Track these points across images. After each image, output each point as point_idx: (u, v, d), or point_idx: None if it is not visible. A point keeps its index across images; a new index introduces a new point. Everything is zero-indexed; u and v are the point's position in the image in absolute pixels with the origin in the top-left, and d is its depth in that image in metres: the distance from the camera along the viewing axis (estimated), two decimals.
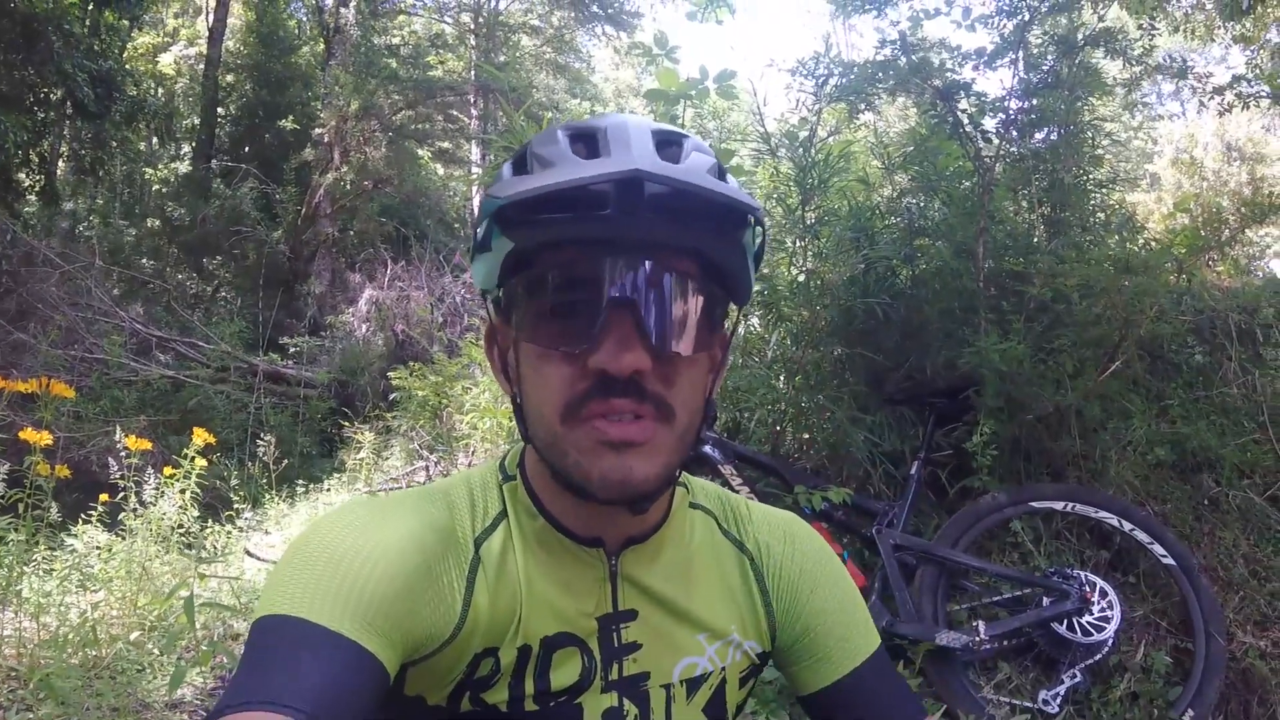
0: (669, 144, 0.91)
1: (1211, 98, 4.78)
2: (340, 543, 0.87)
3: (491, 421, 5.28)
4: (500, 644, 0.94)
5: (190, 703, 3.09)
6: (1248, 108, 4.88)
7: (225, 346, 8.15)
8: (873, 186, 4.63)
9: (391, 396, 6.88)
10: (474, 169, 17.05)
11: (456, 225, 16.79)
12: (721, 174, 0.92)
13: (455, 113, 17.97)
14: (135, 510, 3.90)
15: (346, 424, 7.12)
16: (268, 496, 5.54)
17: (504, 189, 0.87)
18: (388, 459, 6.49)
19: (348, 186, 12.71)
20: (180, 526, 4.09)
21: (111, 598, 3.62)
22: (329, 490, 6.06)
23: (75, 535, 3.86)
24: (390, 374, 6.86)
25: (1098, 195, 4.35)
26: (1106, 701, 3.10)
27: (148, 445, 4.01)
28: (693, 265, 0.90)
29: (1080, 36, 4.14)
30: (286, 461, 5.65)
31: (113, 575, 3.70)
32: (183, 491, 4.08)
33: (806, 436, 4.08)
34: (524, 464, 1.03)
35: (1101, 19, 4.10)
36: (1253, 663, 3.10)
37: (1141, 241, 4.35)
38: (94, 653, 3.22)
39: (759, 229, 0.94)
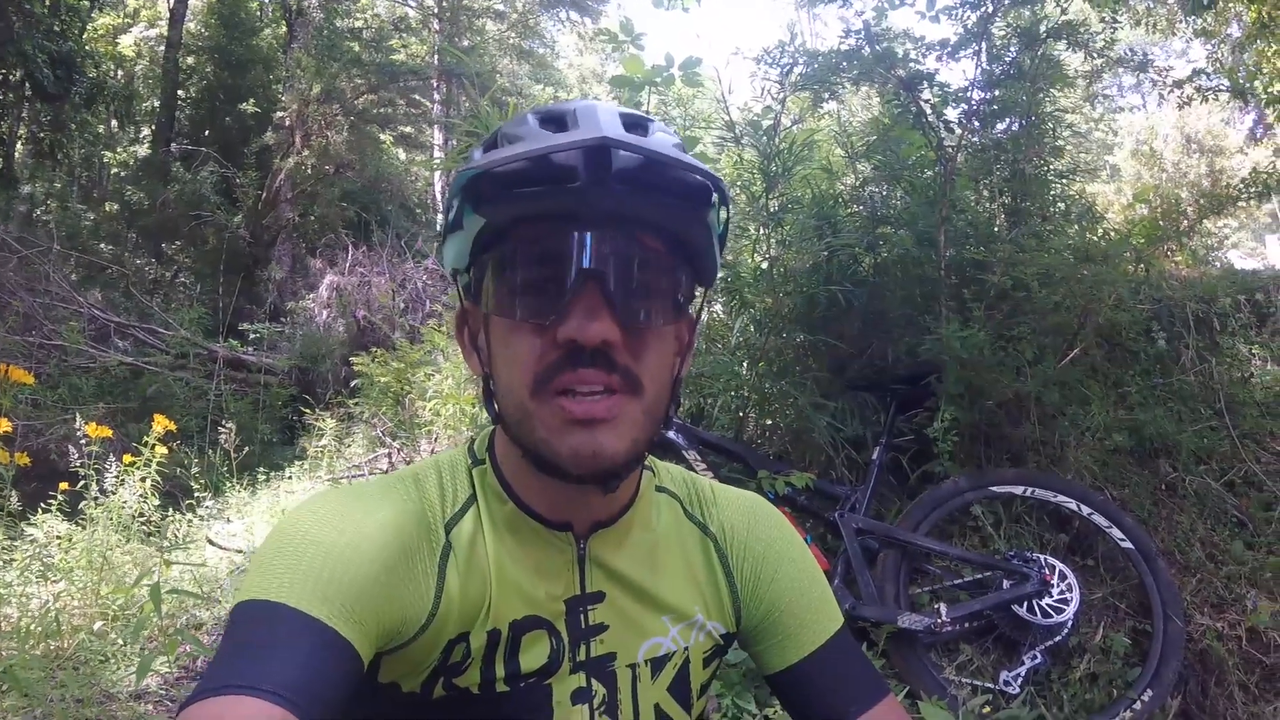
0: (635, 125, 0.92)
1: (1171, 91, 4.85)
2: (317, 530, 0.88)
3: (454, 408, 5.26)
4: (471, 629, 0.95)
5: (154, 692, 3.05)
6: (1207, 101, 4.96)
7: (184, 333, 8.01)
8: (836, 175, 4.64)
9: (353, 383, 6.82)
10: (436, 154, 16.93)
11: (418, 210, 16.66)
12: (686, 152, 0.93)
13: (418, 97, 17.82)
14: (96, 499, 3.84)
15: (308, 411, 7.04)
16: (229, 485, 5.47)
17: (474, 166, 0.88)
18: (349, 446, 6.43)
19: (309, 171, 12.53)
20: (141, 515, 4.04)
21: (73, 588, 3.57)
22: (291, 478, 6.00)
23: (35, 524, 3.79)
24: (352, 360, 6.79)
25: (1058, 185, 4.39)
26: (1066, 682, 3.16)
27: (108, 433, 3.95)
28: (660, 242, 0.92)
29: (1043, 29, 4.17)
30: (247, 449, 5.58)
31: (73, 565, 3.65)
32: (143, 480, 4.01)
33: (770, 422, 4.10)
34: (493, 448, 1.04)
35: (1064, 12, 4.13)
36: (1210, 644, 3.16)
37: (1101, 231, 4.41)
38: (56, 644, 3.18)
39: (724, 210, 0.96)
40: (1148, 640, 3.17)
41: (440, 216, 6.31)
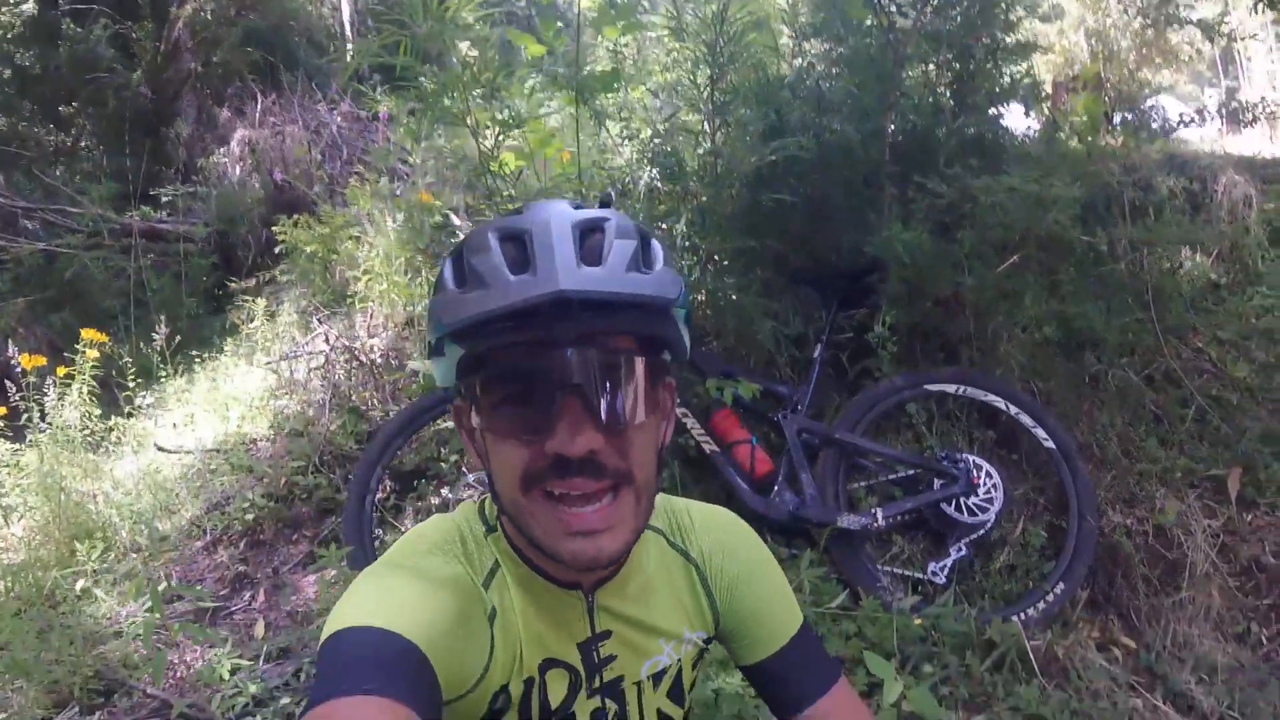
0: (592, 232, 0.99)
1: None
2: (401, 584, 1.01)
3: (386, 283, 5.14)
4: (509, 680, 1.09)
5: (130, 631, 3.05)
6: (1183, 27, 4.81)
7: (96, 209, 7.51)
8: (782, 55, 4.47)
9: (277, 249, 6.55)
10: None
11: (327, 41, 15.52)
12: (646, 252, 1.02)
13: None
14: (40, 428, 3.77)
15: (233, 282, 6.80)
16: (164, 372, 5.30)
17: (447, 310, 0.98)
18: (278, 317, 6.22)
19: (209, 16, 11.51)
20: (84, 428, 3.98)
21: (32, 522, 3.59)
22: (225, 359, 5.81)
23: None
24: (274, 228, 6.47)
25: (1006, 63, 4.26)
26: (988, 573, 3.39)
27: (42, 361, 3.83)
28: (630, 340, 1.01)
29: None
30: (179, 339, 5.38)
31: (28, 489, 3.66)
32: (80, 392, 3.94)
33: (711, 313, 4.08)
34: (501, 518, 1.15)
35: None
36: (1119, 540, 3.39)
37: (1044, 111, 4.37)
38: (28, 586, 3.23)
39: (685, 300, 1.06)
40: (1063, 536, 3.38)
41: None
